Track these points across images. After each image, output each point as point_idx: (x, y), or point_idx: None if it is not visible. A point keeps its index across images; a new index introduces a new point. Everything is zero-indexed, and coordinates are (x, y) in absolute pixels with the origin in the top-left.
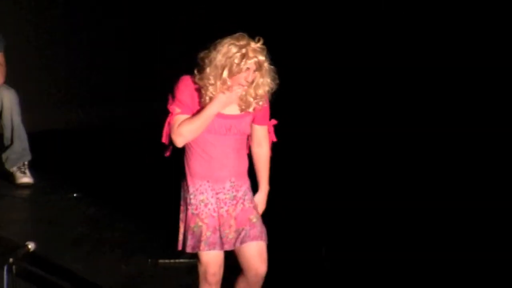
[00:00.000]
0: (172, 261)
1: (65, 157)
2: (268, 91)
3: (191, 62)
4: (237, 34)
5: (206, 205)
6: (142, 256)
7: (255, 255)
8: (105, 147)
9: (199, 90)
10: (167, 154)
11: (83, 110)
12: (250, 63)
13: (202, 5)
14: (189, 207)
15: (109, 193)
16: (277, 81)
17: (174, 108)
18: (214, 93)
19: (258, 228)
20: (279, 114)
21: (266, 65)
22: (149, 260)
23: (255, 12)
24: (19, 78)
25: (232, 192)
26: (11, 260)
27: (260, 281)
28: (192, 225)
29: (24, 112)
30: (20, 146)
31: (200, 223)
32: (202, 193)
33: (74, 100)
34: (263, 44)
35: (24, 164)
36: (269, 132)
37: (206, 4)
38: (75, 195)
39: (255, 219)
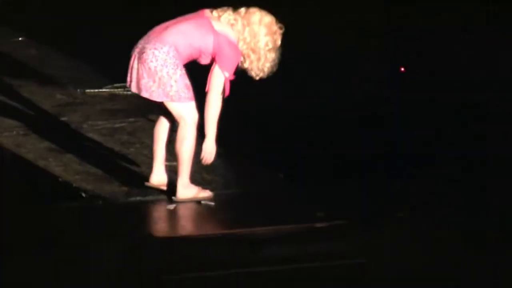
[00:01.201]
0: (96, 90)
1: (13, 9)
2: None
3: None
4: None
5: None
6: (73, 87)
7: None
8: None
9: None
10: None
11: None
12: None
13: None
14: (181, 69)
15: (49, 37)
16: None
17: (228, 74)
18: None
19: None
20: None
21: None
22: (78, 90)
23: None
24: None
25: None
26: None
27: None
28: (186, 81)
29: None
30: None
31: (188, 81)
32: (182, 69)
33: None
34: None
35: None
36: None
37: None
38: (20, 38)
39: None
